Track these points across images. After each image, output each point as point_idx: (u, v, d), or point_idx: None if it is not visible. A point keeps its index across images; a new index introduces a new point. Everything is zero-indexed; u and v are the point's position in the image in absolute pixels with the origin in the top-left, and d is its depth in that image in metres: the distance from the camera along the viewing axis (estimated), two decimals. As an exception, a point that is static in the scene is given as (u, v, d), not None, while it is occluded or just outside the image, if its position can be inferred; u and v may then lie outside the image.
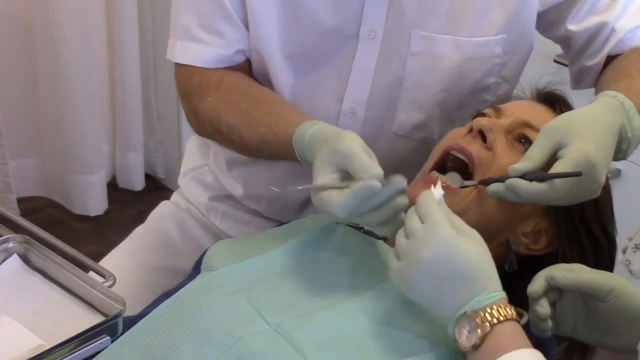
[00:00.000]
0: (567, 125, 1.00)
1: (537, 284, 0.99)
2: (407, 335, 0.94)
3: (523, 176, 0.98)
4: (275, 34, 1.17)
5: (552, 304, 1.01)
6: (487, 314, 0.87)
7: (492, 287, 0.89)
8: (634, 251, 0.80)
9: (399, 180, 0.96)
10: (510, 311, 0.88)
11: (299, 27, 1.17)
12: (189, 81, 1.21)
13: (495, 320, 0.86)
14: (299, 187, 1.00)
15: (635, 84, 1.11)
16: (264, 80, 1.22)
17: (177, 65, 1.23)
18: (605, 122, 1.02)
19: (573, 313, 1.01)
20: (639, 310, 0.98)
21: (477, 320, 0.87)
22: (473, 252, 0.89)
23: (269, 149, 1.13)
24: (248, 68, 1.23)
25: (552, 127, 1.01)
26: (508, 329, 0.87)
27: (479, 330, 0.86)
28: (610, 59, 1.24)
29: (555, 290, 1.00)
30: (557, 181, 0.96)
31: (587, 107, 1.05)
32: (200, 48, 1.20)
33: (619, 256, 0.83)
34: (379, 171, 0.94)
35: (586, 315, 1.01)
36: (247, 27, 1.19)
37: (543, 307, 0.98)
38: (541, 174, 0.98)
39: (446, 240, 0.88)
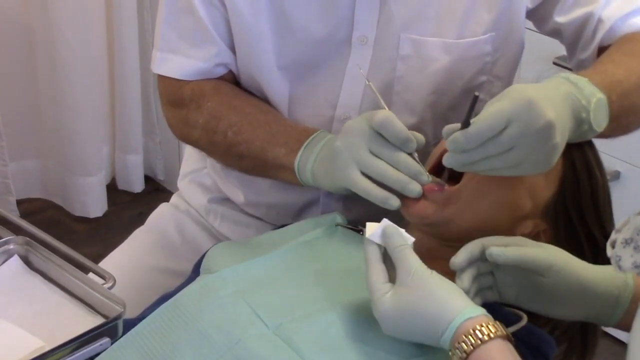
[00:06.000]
0: (508, 90, 1.00)
1: (460, 257, 0.96)
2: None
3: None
4: (269, 47, 1.18)
5: (490, 273, 1.00)
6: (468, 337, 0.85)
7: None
8: (624, 246, 0.76)
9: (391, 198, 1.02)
10: (490, 328, 0.85)
11: (292, 39, 1.17)
12: (178, 90, 1.23)
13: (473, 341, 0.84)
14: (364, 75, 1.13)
15: (600, 67, 1.12)
16: (256, 91, 1.23)
17: (162, 75, 1.24)
18: (549, 86, 1.02)
19: (514, 283, 1.00)
20: (580, 285, 0.97)
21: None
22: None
23: (274, 138, 1.15)
24: (231, 80, 1.25)
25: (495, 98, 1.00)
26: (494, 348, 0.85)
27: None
28: (604, 50, 1.23)
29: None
30: (485, 113, 0.95)
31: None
32: (179, 60, 1.22)
33: (608, 250, 0.79)
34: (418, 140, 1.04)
35: (528, 286, 0.99)
36: (227, 42, 1.21)
37: (462, 282, 0.96)
38: (467, 118, 0.97)
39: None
